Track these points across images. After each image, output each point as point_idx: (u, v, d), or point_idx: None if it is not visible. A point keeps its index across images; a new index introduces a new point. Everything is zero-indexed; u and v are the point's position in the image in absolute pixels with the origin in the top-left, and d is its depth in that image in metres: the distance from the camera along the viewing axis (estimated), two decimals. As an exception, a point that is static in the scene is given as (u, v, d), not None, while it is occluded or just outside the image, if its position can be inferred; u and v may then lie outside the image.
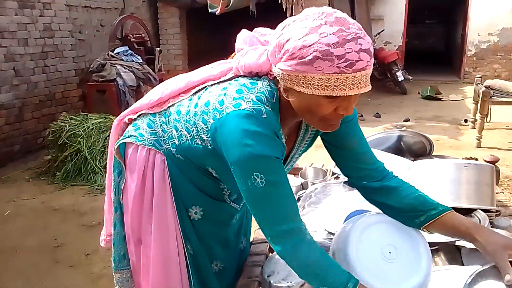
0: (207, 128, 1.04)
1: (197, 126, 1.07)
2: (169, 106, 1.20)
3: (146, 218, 1.22)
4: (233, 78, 1.10)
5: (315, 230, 1.48)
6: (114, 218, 1.30)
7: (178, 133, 1.14)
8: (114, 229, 1.31)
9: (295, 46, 0.91)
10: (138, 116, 1.26)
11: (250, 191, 0.98)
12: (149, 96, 1.26)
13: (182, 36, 8.13)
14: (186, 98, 1.16)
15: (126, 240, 1.29)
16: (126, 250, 1.30)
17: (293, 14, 5.64)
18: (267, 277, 1.28)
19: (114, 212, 1.29)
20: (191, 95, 1.15)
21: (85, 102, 5.87)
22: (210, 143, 1.06)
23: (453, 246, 1.38)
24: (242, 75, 1.09)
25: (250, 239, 1.54)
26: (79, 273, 2.73)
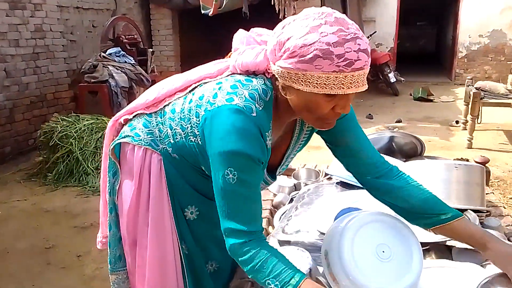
0: (199, 120, 1.05)
1: (191, 121, 1.08)
2: (165, 106, 1.20)
3: (142, 219, 1.21)
4: (229, 75, 1.11)
5: (308, 230, 1.49)
6: (109, 220, 1.29)
7: (172, 131, 1.14)
8: (109, 230, 1.30)
9: (296, 45, 0.93)
10: (134, 116, 1.25)
11: (220, 184, 1.00)
12: (145, 96, 1.25)
13: (175, 37, 8.11)
14: (181, 97, 1.16)
15: (122, 241, 1.28)
16: (121, 251, 1.30)
17: (285, 15, 5.65)
18: None
19: (109, 213, 1.28)
20: (187, 93, 1.16)
21: (77, 103, 5.83)
22: (200, 138, 1.06)
23: (444, 246, 1.39)
24: (239, 73, 1.09)
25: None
26: (71, 274, 2.71)
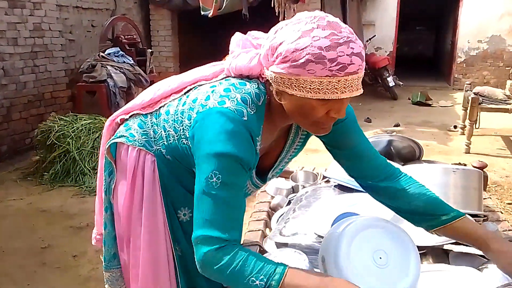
0: (190, 123, 1.04)
1: (183, 124, 1.08)
2: (160, 107, 1.20)
3: (136, 219, 1.21)
4: (224, 79, 1.10)
5: (305, 233, 1.48)
6: (104, 218, 1.30)
7: (166, 133, 1.14)
8: (104, 229, 1.30)
9: (288, 49, 0.92)
10: (130, 116, 1.25)
11: (202, 188, 0.97)
12: (141, 96, 1.25)
13: (174, 38, 8.12)
14: (176, 98, 1.16)
15: (117, 239, 1.29)
16: (116, 249, 1.30)
17: (285, 18, 5.66)
18: None
19: (105, 212, 1.29)
20: (181, 95, 1.16)
21: (74, 103, 5.82)
22: (191, 141, 1.05)
23: (441, 250, 1.39)
24: (233, 77, 1.09)
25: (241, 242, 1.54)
26: (67, 275, 2.70)
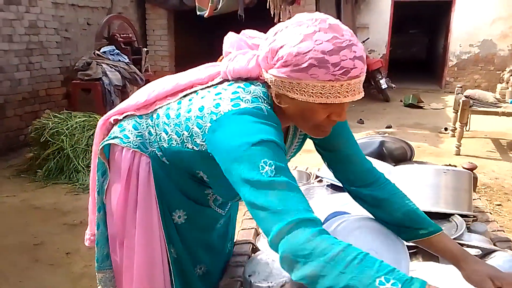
0: (203, 132, 1.00)
1: (191, 131, 1.04)
2: (156, 109, 1.18)
3: (130, 221, 1.19)
4: (221, 82, 1.08)
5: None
6: (97, 218, 1.27)
7: (168, 136, 1.11)
8: (97, 229, 1.28)
9: (290, 53, 0.91)
10: (124, 117, 1.23)
11: (256, 184, 0.88)
12: (135, 97, 1.23)
13: (170, 37, 8.11)
14: (174, 101, 1.14)
15: (110, 240, 1.26)
16: (109, 250, 1.28)
17: (280, 19, 5.69)
18: (248, 276, 1.28)
19: (98, 212, 1.27)
20: (180, 98, 1.13)
21: (69, 100, 5.81)
22: (204, 148, 1.02)
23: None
24: (230, 80, 1.06)
25: (234, 240, 1.55)
26: (60, 272, 2.70)
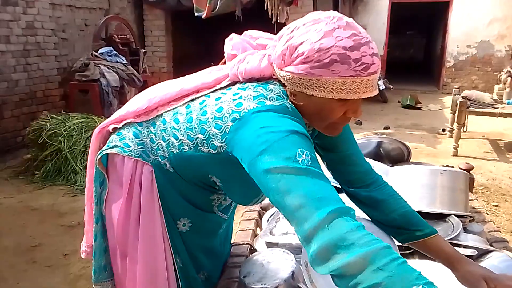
0: (223, 132, 0.97)
1: (207, 133, 1.01)
2: (158, 115, 1.14)
3: (133, 232, 1.16)
4: (230, 85, 1.06)
5: (294, 233, 1.50)
6: (95, 230, 1.21)
7: (178, 141, 1.07)
8: (95, 240, 1.22)
9: (311, 49, 0.91)
10: (123, 125, 1.18)
11: (292, 171, 0.85)
12: (135, 104, 1.18)
13: (167, 38, 8.12)
14: (181, 106, 1.11)
15: (110, 252, 1.22)
16: (107, 261, 1.24)
17: (278, 20, 5.70)
18: (243, 277, 1.27)
19: (95, 223, 1.21)
20: (187, 103, 1.10)
21: (67, 101, 5.80)
22: (224, 149, 0.99)
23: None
24: (241, 81, 1.04)
25: (232, 242, 1.55)
26: (57, 273, 2.69)
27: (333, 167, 1.26)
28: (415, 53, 15.82)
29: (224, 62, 1.18)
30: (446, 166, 2.07)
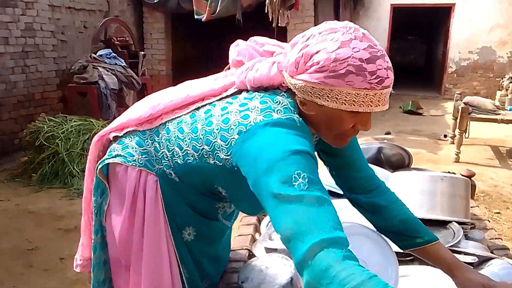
0: (228, 144, 0.96)
1: (213, 144, 0.99)
2: (161, 124, 1.11)
3: (137, 243, 1.13)
4: (236, 93, 1.04)
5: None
6: (94, 242, 1.19)
7: (183, 152, 1.05)
8: (94, 253, 1.19)
9: (327, 58, 0.89)
10: (124, 133, 1.15)
11: (285, 199, 0.84)
12: (137, 111, 1.15)
13: (167, 41, 8.12)
14: (185, 114, 1.08)
15: (112, 264, 1.20)
16: (106, 275, 1.21)
17: (279, 24, 5.69)
18: (241, 283, 1.27)
19: (95, 235, 1.18)
20: (192, 111, 1.08)
21: (65, 104, 5.78)
22: (229, 162, 0.97)
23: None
24: (248, 90, 1.02)
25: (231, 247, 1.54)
26: (54, 277, 2.67)
27: (335, 173, 1.26)
28: (416, 58, 15.83)
29: (228, 68, 1.16)
30: (448, 172, 2.05)
